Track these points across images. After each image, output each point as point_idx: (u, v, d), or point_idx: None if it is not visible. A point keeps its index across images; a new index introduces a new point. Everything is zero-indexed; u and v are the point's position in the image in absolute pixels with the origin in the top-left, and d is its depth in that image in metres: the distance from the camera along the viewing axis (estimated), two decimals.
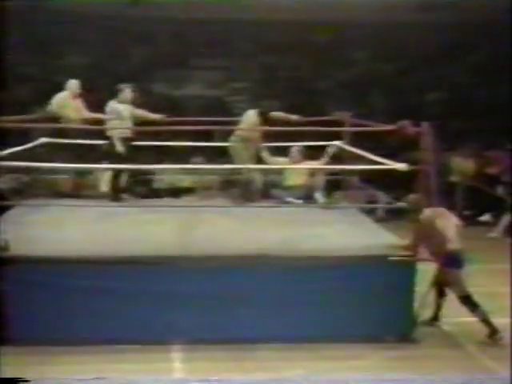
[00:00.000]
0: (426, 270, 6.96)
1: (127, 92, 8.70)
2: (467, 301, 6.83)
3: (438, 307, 7.24)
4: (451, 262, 6.76)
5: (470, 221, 12.29)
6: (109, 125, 8.56)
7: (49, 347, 6.25)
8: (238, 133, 8.64)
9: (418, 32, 16.66)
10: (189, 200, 10.54)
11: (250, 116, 8.76)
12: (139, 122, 8.80)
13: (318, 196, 8.71)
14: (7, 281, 6.29)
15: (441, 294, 7.18)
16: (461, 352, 6.61)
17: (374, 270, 6.65)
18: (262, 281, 6.57)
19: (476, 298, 6.88)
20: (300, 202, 8.65)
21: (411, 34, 16.72)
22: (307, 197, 8.72)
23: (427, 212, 6.85)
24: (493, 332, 6.79)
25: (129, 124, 8.57)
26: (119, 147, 8.42)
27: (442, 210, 7.00)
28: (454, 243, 6.70)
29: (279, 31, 16.73)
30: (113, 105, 8.62)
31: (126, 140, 8.48)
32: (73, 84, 9.11)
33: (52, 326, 6.39)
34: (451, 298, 7.18)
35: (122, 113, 8.54)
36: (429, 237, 6.79)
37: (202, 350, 6.34)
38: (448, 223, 6.82)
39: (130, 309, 6.48)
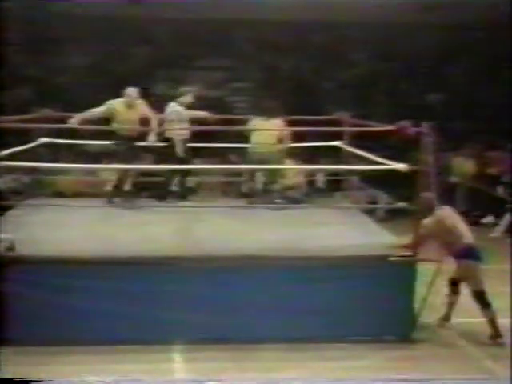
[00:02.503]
0: (427, 270, 6.95)
1: (190, 96, 8.76)
2: (481, 297, 6.81)
3: (451, 306, 7.18)
4: (469, 254, 6.80)
5: (472, 222, 12.39)
6: (168, 126, 8.58)
7: (50, 347, 6.25)
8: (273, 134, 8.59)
9: (419, 32, 16.65)
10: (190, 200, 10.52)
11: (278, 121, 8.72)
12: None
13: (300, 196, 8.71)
14: (8, 281, 6.29)
15: (455, 292, 7.14)
16: (461, 352, 6.61)
17: (375, 270, 6.65)
18: (262, 281, 6.57)
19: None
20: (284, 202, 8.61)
21: (412, 35, 16.72)
22: (294, 197, 8.71)
23: (437, 210, 6.89)
24: (496, 334, 6.78)
25: (187, 126, 8.65)
26: (179, 149, 8.46)
27: (447, 209, 7.05)
28: (469, 237, 6.82)
29: (280, 31, 16.73)
30: (174, 107, 8.64)
31: (185, 142, 8.58)
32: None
33: (53, 325, 6.38)
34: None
35: (182, 115, 8.56)
36: (439, 235, 6.82)
37: (202, 350, 6.34)
38: (458, 219, 6.91)
39: (130, 309, 6.47)
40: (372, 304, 6.63)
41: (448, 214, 6.98)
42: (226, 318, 6.51)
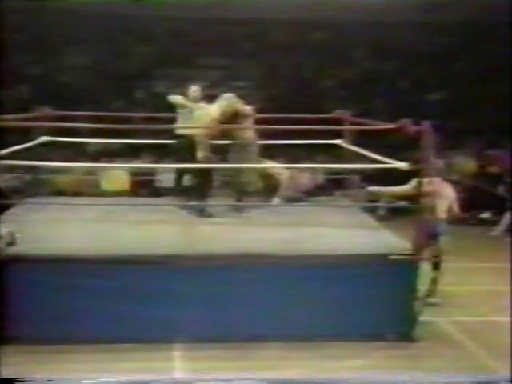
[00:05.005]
0: (427, 269, 6.97)
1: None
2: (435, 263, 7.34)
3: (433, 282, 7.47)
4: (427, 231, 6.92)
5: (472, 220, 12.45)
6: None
7: (50, 346, 6.24)
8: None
9: (419, 31, 16.66)
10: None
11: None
12: None
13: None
14: (8, 279, 6.29)
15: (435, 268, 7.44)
16: (461, 351, 6.60)
17: (375, 269, 6.63)
18: (263, 280, 6.56)
19: (476, 296, 6.89)
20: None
21: (412, 34, 16.73)
22: (293, 196, 8.70)
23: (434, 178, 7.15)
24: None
25: None
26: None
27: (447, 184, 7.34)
28: (441, 215, 7.16)
29: (280, 30, 16.75)
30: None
31: None
32: None
33: (53, 324, 6.37)
34: (449, 298, 7.20)
35: None
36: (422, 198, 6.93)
37: (202, 349, 6.33)
38: (445, 197, 7.22)
39: (131, 307, 6.46)
40: (373, 302, 6.60)
41: (440, 184, 7.20)
42: (227, 317, 6.50)
